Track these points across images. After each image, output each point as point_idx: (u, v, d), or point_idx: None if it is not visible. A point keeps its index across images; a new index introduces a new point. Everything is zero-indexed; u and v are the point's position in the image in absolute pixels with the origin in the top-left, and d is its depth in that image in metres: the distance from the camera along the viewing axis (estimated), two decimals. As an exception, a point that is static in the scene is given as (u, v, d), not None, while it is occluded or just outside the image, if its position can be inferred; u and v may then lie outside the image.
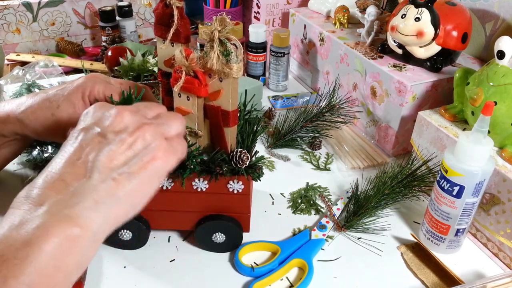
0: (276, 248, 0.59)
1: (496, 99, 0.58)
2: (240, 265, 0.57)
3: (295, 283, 0.56)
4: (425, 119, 0.69)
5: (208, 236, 0.58)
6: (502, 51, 0.57)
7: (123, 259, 0.58)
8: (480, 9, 0.81)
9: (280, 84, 1.01)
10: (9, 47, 1.11)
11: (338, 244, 0.62)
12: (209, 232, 0.58)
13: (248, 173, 0.54)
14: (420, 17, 0.71)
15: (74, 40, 1.17)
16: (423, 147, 0.70)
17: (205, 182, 0.54)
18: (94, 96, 0.56)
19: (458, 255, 0.61)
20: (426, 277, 0.57)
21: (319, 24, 0.96)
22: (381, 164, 0.78)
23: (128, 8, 1.13)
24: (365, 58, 0.80)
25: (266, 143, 0.83)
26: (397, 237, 0.64)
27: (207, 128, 0.54)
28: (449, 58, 0.76)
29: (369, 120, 0.85)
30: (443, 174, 0.55)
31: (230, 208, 0.57)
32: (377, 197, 0.65)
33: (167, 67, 0.54)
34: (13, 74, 0.90)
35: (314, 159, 0.79)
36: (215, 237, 0.58)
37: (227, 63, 0.47)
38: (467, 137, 0.52)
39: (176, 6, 0.48)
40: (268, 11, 1.09)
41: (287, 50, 0.97)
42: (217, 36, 0.46)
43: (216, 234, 0.58)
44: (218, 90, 0.50)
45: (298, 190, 0.71)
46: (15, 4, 1.07)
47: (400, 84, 0.72)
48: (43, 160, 0.70)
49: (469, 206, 0.56)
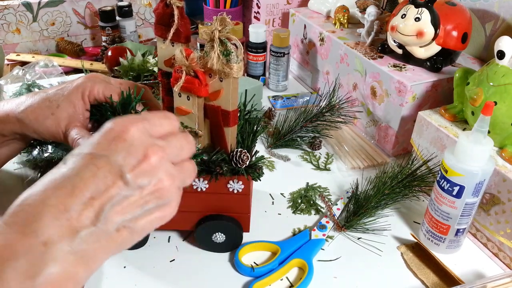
0: (276, 248, 0.59)
1: (496, 99, 0.58)
2: (240, 265, 0.57)
3: (295, 283, 0.56)
4: (425, 119, 0.69)
5: (208, 236, 0.58)
6: (502, 51, 0.57)
7: (123, 259, 0.58)
8: (480, 9, 0.81)
9: (280, 84, 1.01)
10: (9, 47, 1.11)
11: (338, 244, 0.62)
12: (209, 232, 0.58)
13: (248, 173, 0.54)
14: (420, 17, 0.71)
15: (74, 40, 1.17)
16: (423, 147, 0.70)
17: (205, 182, 0.54)
18: (94, 96, 0.56)
19: (458, 255, 0.61)
20: (426, 277, 0.57)
21: (319, 24, 0.96)
22: (381, 164, 0.78)
23: (128, 8, 1.13)
24: (365, 58, 0.80)
25: (266, 143, 0.83)
26: (397, 237, 0.64)
27: (207, 128, 0.54)
28: (449, 58, 0.76)
29: (369, 120, 0.85)
30: (443, 174, 0.55)
31: (230, 208, 0.57)
32: (377, 197, 0.65)
33: (167, 67, 0.54)
34: (13, 74, 0.90)
35: (314, 159, 0.79)
36: (215, 237, 0.58)
37: (228, 63, 0.47)
38: (467, 137, 0.52)
39: (176, 6, 0.49)
40: (268, 11, 1.09)
41: (287, 50, 0.97)
42: (218, 36, 0.46)
43: (216, 234, 0.58)
44: (218, 90, 0.50)
45: (298, 190, 0.71)
46: (15, 4, 1.07)
47: (400, 84, 0.72)
48: (43, 160, 0.70)
49: (469, 206, 0.56)
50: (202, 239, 0.59)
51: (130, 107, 0.55)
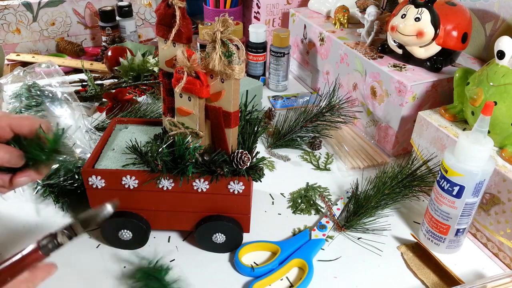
0: (276, 248, 0.59)
1: (496, 99, 0.58)
2: (240, 265, 0.57)
3: (295, 283, 0.56)
4: (425, 119, 0.69)
5: (208, 236, 0.58)
6: (502, 51, 0.57)
7: (123, 259, 0.58)
8: (480, 9, 0.81)
9: (280, 84, 1.01)
10: (9, 47, 1.11)
11: (338, 244, 0.62)
12: (209, 232, 0.58)
13: (249, 174, 0.54)
14: (420, 17, 0.71)
15: (74, 40, 1.17)
16: (423, 147, 0.70)
17: (206, 183, 0.54)
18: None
19: (458, 255, 0.61)
20: (426, 277, 0.57)
21: (319, 24, 0.96)
22: (381, 164, 0.78)
23: (128, 8, 1.13)
24: (365, 58, 0.80)
25: (266, 143, 0.83)
26: (397, 237, 0.64)
27: (208, 128, 0.54)
28: (449, 58, 0.76)
29: (369, 120, 0.85)
30: (443, 174, 0.56)
31: (230, 209, 0.57)
32: (377, 197, 0.65)
33: (168, 67, 0.54)
34: (14, 74, 0.90)
35: (314, 159, 0.79)
36: (215, 238, 0.58)
37: (229, 64, 0.47)
38: (467, 137, 0.53)
39: (178, 6, 0.48)
40: (268, 11, 1.09)
41: (287, 50, 0.97)
42: (219, 37, 0.46)
43: (216, 234, 0.58)
44: (220, 91, 0.50)
45: (298, 190, 0.72)
46: (15, 4, 1.07)
47: (400, 84, 0.73)
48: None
49: (469, 206, 0.56)
50: (202, 240, 0.59)
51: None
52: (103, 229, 0.58)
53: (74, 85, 0.94)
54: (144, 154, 0.54)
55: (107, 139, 0.60)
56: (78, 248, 0.60)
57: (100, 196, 0.56)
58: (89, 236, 0.62)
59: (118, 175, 0.54)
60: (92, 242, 0.61)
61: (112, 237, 0.59)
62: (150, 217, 0.58)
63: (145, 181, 0.54)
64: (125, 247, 0.60)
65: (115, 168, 0.55)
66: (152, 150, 0.53)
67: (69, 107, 0.79)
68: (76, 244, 0.60)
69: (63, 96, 0.81)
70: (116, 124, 0.64)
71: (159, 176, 0.53)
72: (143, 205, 0.57)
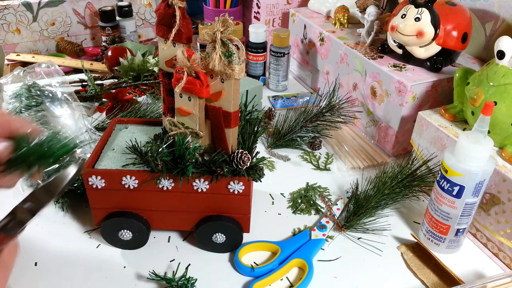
0: (276, 248, 0.59)
1: (496, 99, 0.58)
2: (240, 265, 0.57)
3: (295, 283, 0.56)
4: (425, 119, 0.69)
5: (208, 236, 0.58)
6: (502, 51, 0.57)
7: (123, 259, 0.58)
8: (480, 9, 0.81)
9: (280, 84, 1.01)
10: (9, 47, 1.11)
11: (338, 244, 0.62)
12: (209, 232, 0.58)
13: (249, 174, 0.54)
14: (420, 17, 0.71)
15: (74, 40, 1.17)
16: (423, 147, 0.70)
17: (206, 183, 0.54)
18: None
19: (458, 255, 0.61)
20: (426, 277, 0.57)
21: (319, 24, 0.96)
22: (381, 164, 0.78)
23: (128, 8, 1.13)
24: (365, 58, 0.80)
25: (266, 143, 0.83)
26: (397, 237, 0.64)
27: (208, 128, 0.54)
28: (449, 58, 0.76)
29: (369, 120, 0.85)
30: (443, 174, 0.56)
31: (230, 209, 0.57)
32: (377, 197, 0.65)
33: (168, 67, 0.54)
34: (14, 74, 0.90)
35: (314, 159, 0.79)
36: (215, 238, 0.58)
37: (229, 64, 0.47)
38: (467, 137, 0.53)
39: (178, 6, 0.48)
40: (268, 11, 1.09)
41: (287, 50, 0.97)
42: (220, 37, 0.46)
43: (216, 234, 0.58)
44: (220, 91, 0.50)
45: (298, 190, 0.71)
46: (15, 4, 1.07)
47: (400, 84, 0.73)
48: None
49: (469, 206, 0.56)
50: (202, 240, 0.59)
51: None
52: (103, 229, 0.58)
53: (74, 85, 0.94)
54: (144, 154, 0.54)
55: (107, 139, 0.60)
56: (78, 248, 0.60)
57: (100, 196, 0.56)
58: (89, 236, 0.62)
59: (118, 175, 0.54)
60: (92, 242, 0.61)
61: (112, 237, 0.59)
62: (150, 217, 0.58)
63: (145, 181, 0.54)
64: (125, 247, 0.60)
65: (115, 168, 0.55)
66: (152, 150, 0.53)
67: (69, 107, 0.79)
68: (76, 244, 0.60)
69: (63, 96, 0.81)
70: (116, 124, 0.64)
71: (159, 176, 0.53)
72: (143, 205, 0.57)
